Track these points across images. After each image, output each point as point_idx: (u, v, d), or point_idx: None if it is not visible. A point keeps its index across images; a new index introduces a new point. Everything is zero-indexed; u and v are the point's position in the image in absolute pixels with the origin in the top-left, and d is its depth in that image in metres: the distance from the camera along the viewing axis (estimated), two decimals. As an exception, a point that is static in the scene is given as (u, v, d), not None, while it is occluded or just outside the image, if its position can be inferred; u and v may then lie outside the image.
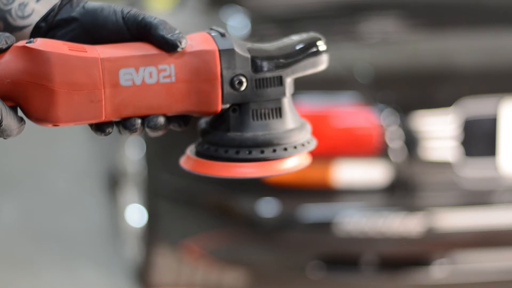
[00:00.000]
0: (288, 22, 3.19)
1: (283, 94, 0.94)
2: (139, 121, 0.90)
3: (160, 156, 3.06)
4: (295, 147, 0.95)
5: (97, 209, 4.24)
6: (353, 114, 2.67)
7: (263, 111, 0.94)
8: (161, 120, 0.91)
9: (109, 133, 0.91)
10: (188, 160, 0.97)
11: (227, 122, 0.94)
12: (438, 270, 2.72)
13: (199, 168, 0.95)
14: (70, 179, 4.72)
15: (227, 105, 0.93)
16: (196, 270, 3.08)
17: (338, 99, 2.69)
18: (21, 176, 4.79)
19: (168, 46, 0.89)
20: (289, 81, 0.95)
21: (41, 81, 0.85)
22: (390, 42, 2.98)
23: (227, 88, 0.91)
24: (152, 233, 3.10)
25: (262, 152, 0.93)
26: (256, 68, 0.92)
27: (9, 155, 5.15)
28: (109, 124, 0.91)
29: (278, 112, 0.94)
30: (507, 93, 2.72)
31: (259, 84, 0.93)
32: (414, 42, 2.98)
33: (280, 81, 0.94)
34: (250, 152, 0.93)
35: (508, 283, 2.80)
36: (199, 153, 0.96)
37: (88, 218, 4.13)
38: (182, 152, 1.01)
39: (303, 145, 0.95)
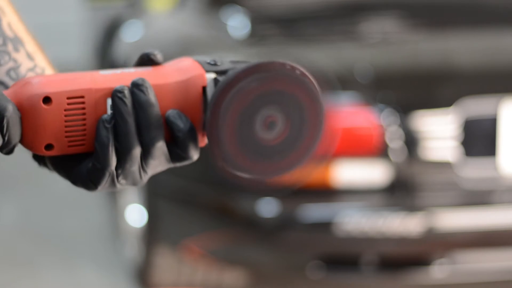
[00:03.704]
0: (288, 22, 3.19)
1: None
2: None
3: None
4: None
5: (97, 209, 4.24)
6: (353, 114, 2.67)
7: None
8: None
9: None
10: None
11: None
12: (438, 270, 2.72)
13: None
14: (70, 179, 4.72)
15: None
16: (196, 270, 3.08)
17: (338, 99, 2.69)
18: (21, 176, 4.79)
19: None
20: None
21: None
22: (390, 42, 2.98)
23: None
24: (152, 233, 3.10)
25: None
26: None
27: (9, 155, 5.14)
28: None
29: None
30: (507, 93, 2.72)
31: None
32: (414, 42, 2.98)
33: None
34: None
35: (508, 283, 2.80)
36: None
37: (88, 218, 4.13)
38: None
39: None
